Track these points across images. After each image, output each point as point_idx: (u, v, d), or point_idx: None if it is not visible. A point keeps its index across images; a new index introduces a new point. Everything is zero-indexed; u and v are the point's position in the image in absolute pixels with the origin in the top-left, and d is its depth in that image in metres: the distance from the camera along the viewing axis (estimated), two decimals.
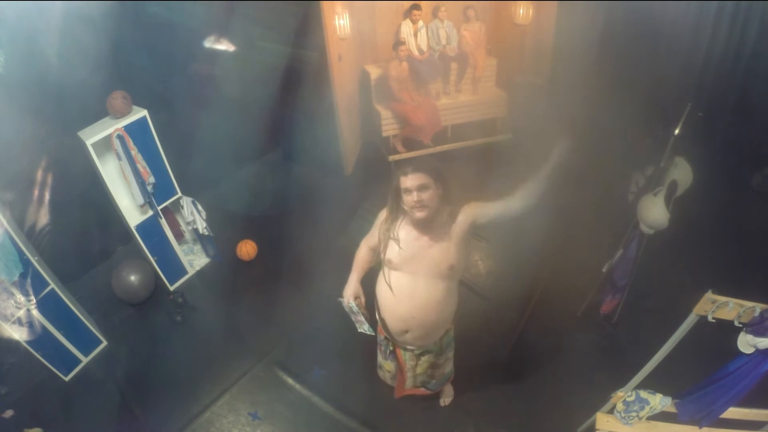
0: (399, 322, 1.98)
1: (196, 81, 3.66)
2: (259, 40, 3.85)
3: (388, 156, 4.49)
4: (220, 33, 3.71)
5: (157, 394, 2.79)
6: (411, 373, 2.22)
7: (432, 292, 1.89)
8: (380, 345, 2.28)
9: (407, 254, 1.86)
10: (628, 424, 2.11)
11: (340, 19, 3.83)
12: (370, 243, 2.05)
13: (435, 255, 1.84)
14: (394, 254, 1.87)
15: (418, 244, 1.85)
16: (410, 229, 1.87)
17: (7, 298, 2.52)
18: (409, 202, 1.77)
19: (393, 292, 1.92)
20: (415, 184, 1.74)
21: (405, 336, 2.02)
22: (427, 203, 1.76)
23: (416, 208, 1.76)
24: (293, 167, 4.62)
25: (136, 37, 3.20)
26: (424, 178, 1.75)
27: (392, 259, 1.88)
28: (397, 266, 1.89)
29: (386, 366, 2.34)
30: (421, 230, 1.85)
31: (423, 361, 2.18)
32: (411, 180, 1.75)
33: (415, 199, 1.75)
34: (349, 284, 1.99)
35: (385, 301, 1.99)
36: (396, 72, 4.24)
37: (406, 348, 2.12)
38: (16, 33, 2.56)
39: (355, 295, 1.97)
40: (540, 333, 2.94)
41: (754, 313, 1.65)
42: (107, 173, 2.98)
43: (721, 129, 3.36)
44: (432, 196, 1.77)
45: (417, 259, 1.86)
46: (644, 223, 2.56)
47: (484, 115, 4.70)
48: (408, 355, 2.14)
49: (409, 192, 1.76)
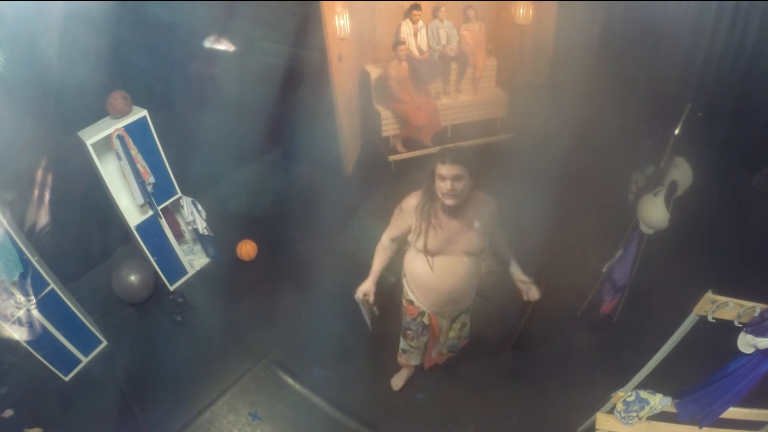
0: (443, 297, 2.09)
1: (196, 81, 3.66)
2: (259, 40, 3.85)
3: (388, 156, 4.49)
4: (220, 33, 3.70)
5: (157, 394, 2.79)
6: (443, 338, 2.33)
7: (468, 267, 2.01)
8: (409, 326, 2.34)
9: (443, 238, 1.93)
10: (628, 424, 2.11)
11: (340, 19, 3.83)
12: (391, 234, 2.12)
13: (468, 238, 1.94)
14: (432, 240, 1.93)
15: (451, 228, 1.92)
16: (443, 215, 1.93)
17: (7, 298, 2.52)
18: (442, 188, 1.82)
19: (434, 273, 2.01)
20: (451, 174, 1.79)
21: (448, 306, 2.15)
22: (459, 192, 1.82)
23: (448, 195, 1.82)
24: (293, 167, 4.62)
25: (136, 37, 3.20)
26: (460, 169, 1.79)
27: (430, 245, 1.94)
28: (436, 251, 1.96)
29: (415, 344, 2.41)
30: (452, 215, 1.92)
31: (457, 322, 2.29)
32: (448, 169, 1.79)
33: (449, 187, 1.80)
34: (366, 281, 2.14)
35: (425, 282, 2.08)
36: (396, 72, 4.24)
37: (444, 315, 2.22)
38: (16, 33, 2.56)
39: (366, 293, 2.12)
40: (540, 333, 2.94)
41: (754, 313, 1.65)
42: (107, 173, 2.98)
43: (721, 129, 3.36)
44: (465, 186, 1.82)
45: (452, 243, 1.94)
46: (644, 223, 2.56)
47: (484, 115, 4.70)
48: (445, 321, 2.25)
49: (444, 179, 1.80)
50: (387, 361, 2.76)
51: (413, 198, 1.98)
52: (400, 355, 2.54)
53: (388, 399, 2.68)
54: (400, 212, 2.03)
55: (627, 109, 3.61)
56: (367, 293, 2.12)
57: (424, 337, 2.38)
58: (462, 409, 2.63)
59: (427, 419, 2.61)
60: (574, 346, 2.91)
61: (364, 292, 2.12)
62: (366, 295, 2.12)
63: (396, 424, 2.60)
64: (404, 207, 2.01)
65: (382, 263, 2.17)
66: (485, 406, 2.64)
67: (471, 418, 2.60)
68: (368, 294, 2.12)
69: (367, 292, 2.12)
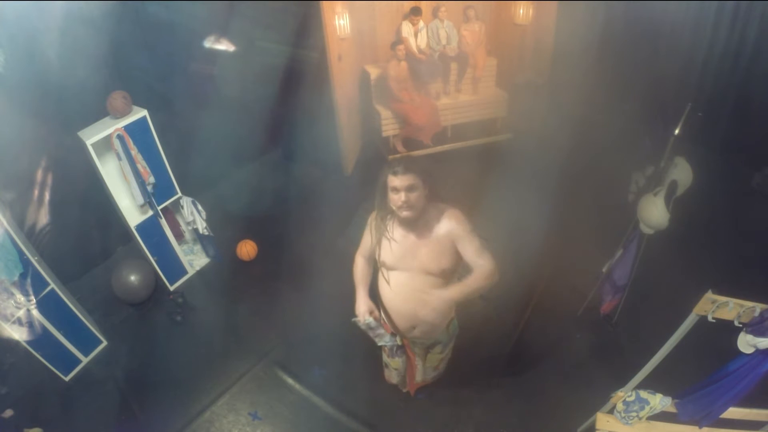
0: (404, 319, 1.98)
1: (196, 81, 3.66)
2: (259, 40, 3.86)
3: (388, 156, 4.49)
4: (220, 33, 3.70)
5: (157, 394, 2.79)
6: (420, 365, 2.24)
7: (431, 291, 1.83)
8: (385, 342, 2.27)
9: (399, 253, 1.85)
10: (628, 424, 2.10)
11: (340, 19, 3.83)
12: (363, 253, 2.05)
13: (425, 255, 1.83)
14: (387, 255, 1.87)
15: (407, 243, 1.84)
16: (398, 228, 1.86)
17: (7, 298, 2.51)
18: (396, 201, 1.75)
19: (393, 291, 1.92)
20: (404, 185, 1.72)
21: (413, 332, 2.03)
22: (414, 204, 1.75)
23: (403, 208, 1.75)
24: (293, 167, 4.62)
25: (136, 37, 3.21)
26: (413, 178, 1.72)
27: (386, 260, 1.88)
28: (392, 266, 1.89)
29: (393, 364, 2.33)
30: (408, 229, 1.84)
31: (433, 352, 2.19)
32: (400, 180, 1.72)
33: (403, 199, 1.73)
34: (359, 301, 1.99)
35: (387, 301, 1.99)
36: (395, 72, 4.24)
37: (415, 342, 2.13)
38: (16, 33, 2.56)
39: (369, 311, 1.97)
40: (540, 333, 2.94)
41: (754, 313, 1.65)
42: (107, 173, 2.98)
43: (721, 129, 3.36)
44: (419, 196, 1.75)
45: (408, 258, 1.85)
46: (644, 223, 2.56)
47: (484, 115, 4.70)
48: (418, 349, 2.16)
49: (397, 191, 1.74)
50: None
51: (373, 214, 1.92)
52: (385, 367, 2.48)
53: (388, 399, 2.68)
54: (367, 227, 1.97)
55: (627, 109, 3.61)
56: (372, 309, 1.98)
57: (399, 359, 2.27)
58: (462, 409, 2.63)
59: (427, 419, 2.60)
60: (574, 346, 2.91)
61: (367, 311, 1.97)
62: (372, 312, 1.98)
63: (396, 424, 2.60)
64: (369, 222, 1.96)
65: (364, 278, 2.04)
66: (485, 406, 2.64)
67: (471, 418, 2.60)
68: (373, 310, 1.99)
69: (370, 308, 1.98)
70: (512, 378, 2.76)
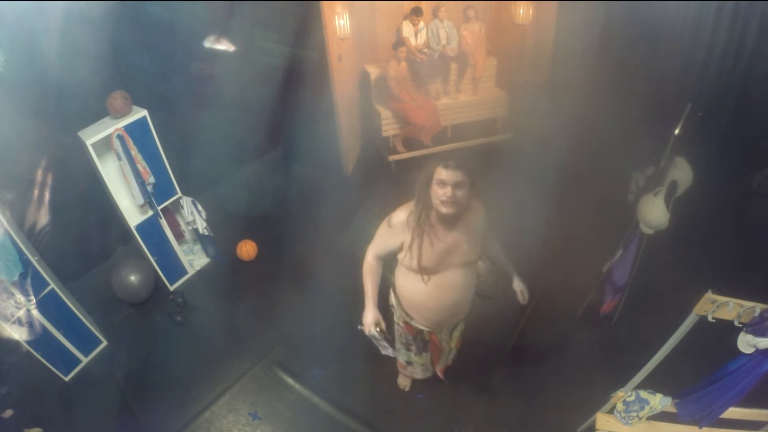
0: (443, 313, 1.98)
1: (196, 81, 3.66)
2: (259, 40, 3.85)
3: (388, 156, 4.49)
4: (220, 33, 3.70)
5: (157, 394, 2.79)
6: (447, 349, 2.26)
7: (466, 278, 1.91)
8: (410, 344, 2.27)
9: (439, 251, 1.79)
10: (628, 424, 2.10)
11: (340, 19, 3.83)
12: (379, 252, 1.94)
13: (463, 250, 1.82)
14: (428, 256, 1.78)
15: (449, 241, 1.79)
16: (438, 225, 1.78)
17: (7, 298, 2.51)
18: (441, 195, 1.67)
19: (430, 291, 1.87)
20: (453, 180, 1.65)
21: (448, 321, 2.05)
22: (459, 201, 1.68)
23: (447, 203, 1.67)
24: (293, 167, 4.62)
25: (136, 37, 3.20)
26: (462, 176, 1.66)
27: (425, 261, 1.79)
28: (432, 268, 1.82)
29: (420, 360, 2.33)
30: (449, 226, 1.78)
31: (456, 332, 2.21)
32: (450, 174, 1.65)
33: (449, 194, 1.65)
34: (367, 311, 1.95)
35: (421, 302, 1.95)
36: (395, 71, 4.24)
37: (442, 329, 2.13)
38: (16, 33, 2.56)
39: (375, 323, 1.94)
40: (540, 333, 2.94)
41: (754, 313, 1.65)
42: (107, 173, 2.98)
43: (721, 129, 3.37)
44: (464, 194, 1.69)
45: (448, 256, 1.82)
46: (644, 223, 2.56)
47: (484, 115, 4.70)
48: (444, 335, 2.16)
49: (444, 185, 1.66)
50: (387, 362, 2.75)
51: (403, 212, 1.80)
52: (404, 367, 2.49)
53: (388, 399, 2.68)
54: (389, 228, 1.84)
55: (627, 109, 3.61)
56: (378, 321, 1.94)
57: (427, 353, 2.30)
58: (462, 409, 2.63)
59: (427, 419, 2.60)
60: (574, 346, 2.91)
61: (374, 323, 1.93)
62: (378, 324, 1.94)
63: (396, 424, 2.60)
64: (393, 222, 1.82)
65: (375, 284, 1.97)
66: (485, 406, 2.64)
67: (471, 418, 2.60)
68: (379, 322, 1.95)
69: (377, 320, 1.94)
70: (512, 378, 2.76)
